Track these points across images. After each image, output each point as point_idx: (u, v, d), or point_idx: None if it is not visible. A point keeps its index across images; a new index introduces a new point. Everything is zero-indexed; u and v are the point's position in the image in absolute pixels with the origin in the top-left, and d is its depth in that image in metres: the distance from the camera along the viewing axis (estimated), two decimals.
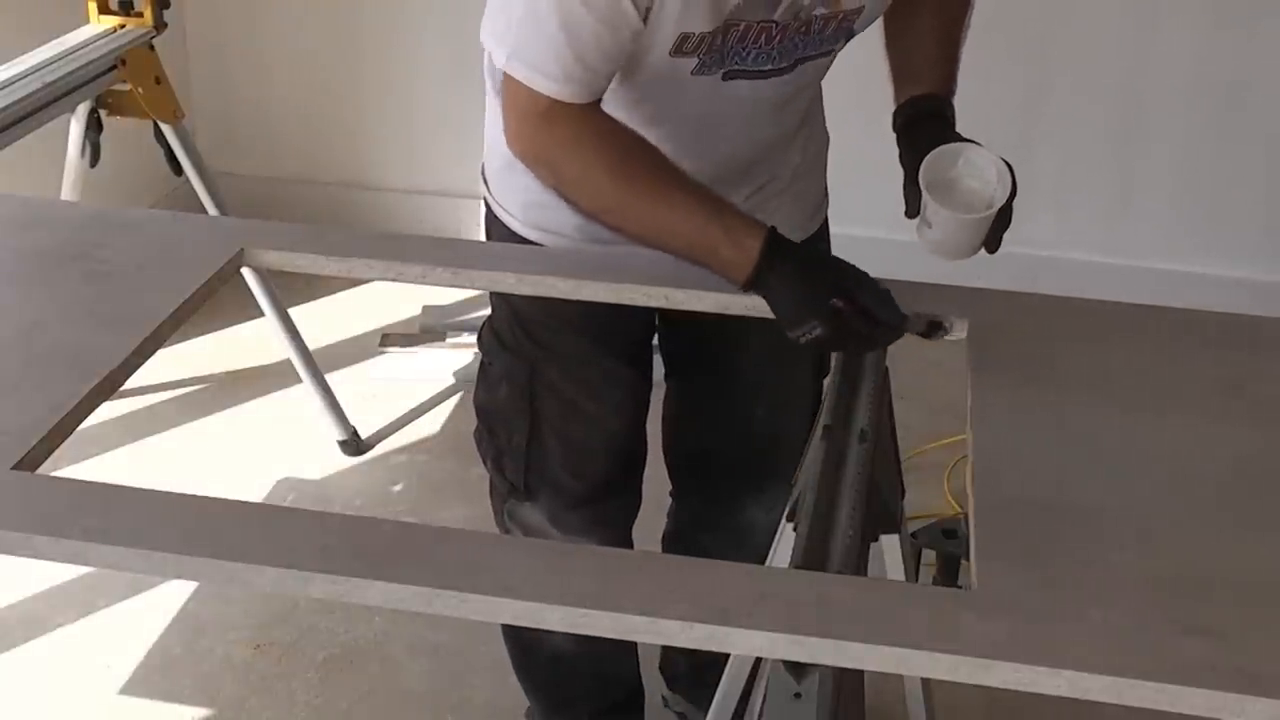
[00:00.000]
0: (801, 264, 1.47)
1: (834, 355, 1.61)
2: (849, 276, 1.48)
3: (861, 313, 1.44)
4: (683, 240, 1.49)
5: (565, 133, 1.49)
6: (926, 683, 1.91)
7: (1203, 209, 3.41)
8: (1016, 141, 3.28)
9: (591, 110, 1.50)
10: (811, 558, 1.28)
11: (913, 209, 1.52)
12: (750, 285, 1.47)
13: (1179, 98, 3.31)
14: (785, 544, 1.50)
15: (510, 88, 1.50)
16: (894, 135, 1.60)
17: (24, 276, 1.63)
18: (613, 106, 1.55)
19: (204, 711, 2.30)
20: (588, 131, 1.49)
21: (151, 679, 2.37)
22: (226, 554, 1.19)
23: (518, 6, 1.47)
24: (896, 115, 1.60)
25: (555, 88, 1.46)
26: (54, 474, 1.33)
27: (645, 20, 1.44)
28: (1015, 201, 1.50)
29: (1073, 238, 3.45)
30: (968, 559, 1.46)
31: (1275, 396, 1.47)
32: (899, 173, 1.55)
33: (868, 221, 2.48)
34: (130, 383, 1.55)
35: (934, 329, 1.54)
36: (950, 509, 2.72)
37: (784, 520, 1.55)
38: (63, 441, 1.35)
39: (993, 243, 1.52)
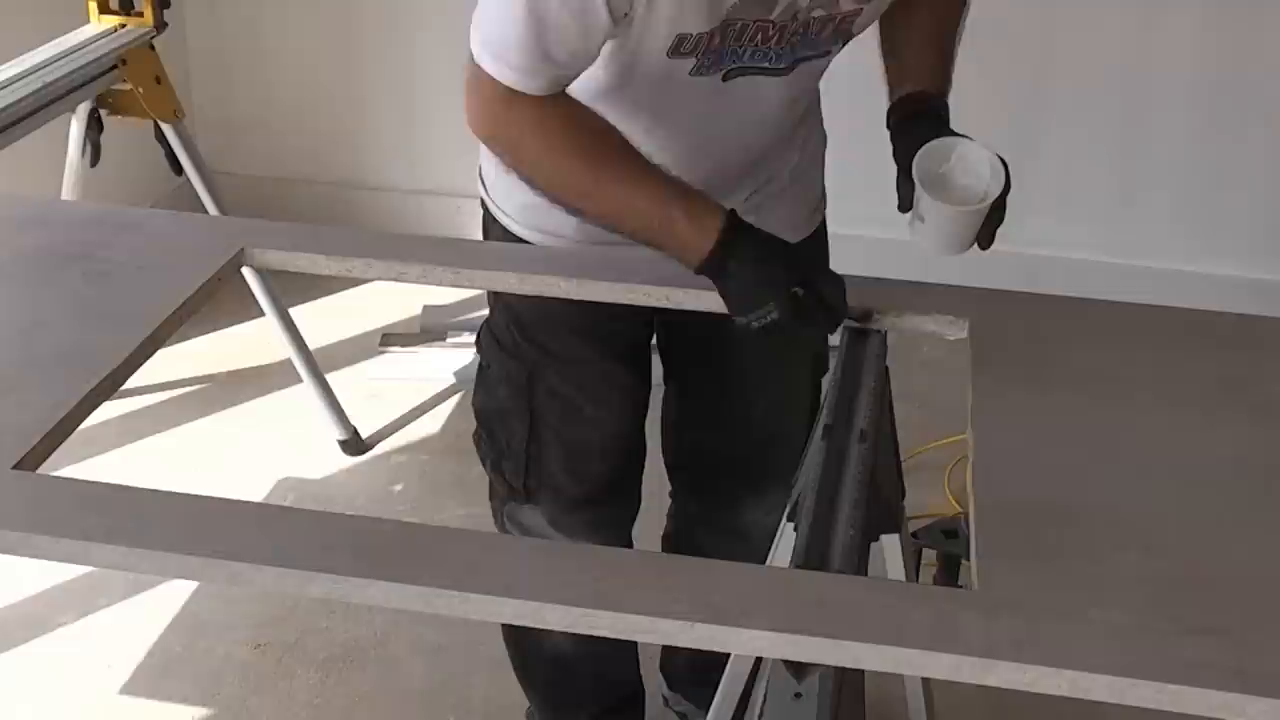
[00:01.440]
0: (762, 248, 1.48)
1: (834, 355, 1.61)
2: (806, 263, 1.49)
3: (817, 300, 1.46)
4: (642, 220, 1.49)
5: (526, 114, 1.49)
6: (926, 683, 1.91)
7: (1203, 209, 3.41)
8: (1017, 141, 3.28)
9: (553, 95, 1.49)
10: (811, 558, 1.28)
11: (905, 203, 1.53)
12: (707, 267, 1.47)
13: (1180, 97, 3.31)
14: (785, 544, 1.50)
15: (474, 73, 1.49)
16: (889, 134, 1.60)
17: (25, 276, 1.63)
18: (612, 110, 1.55)
19: (204, 711, 2.30)
20: (548, 112, 1.49)
21: (151, 679, 2.37)
22: (226, 554, 1.19)
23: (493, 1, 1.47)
24: (890, 113, 1.60)
25: (517, 78, 1.46)
26: (54, 474, 1.33)
27: (623, 24, 1.43)
28: (1016, 200, 1.50)
29: (1073, 237, 3.45)
30: (968, 559, 1.46)
31: (1276, 396, 1.47)
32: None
33: (866, 221, 2.48)
34: (130, 383, 1.55)
35: (865, 317, 1.56)
36: (950, 509, 2.72)
37: (784, 520, 1.55)
38: (63, 441, 1.36)
39: (985, 238, 1.52)
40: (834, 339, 1.59)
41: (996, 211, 1.50)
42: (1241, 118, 3.30)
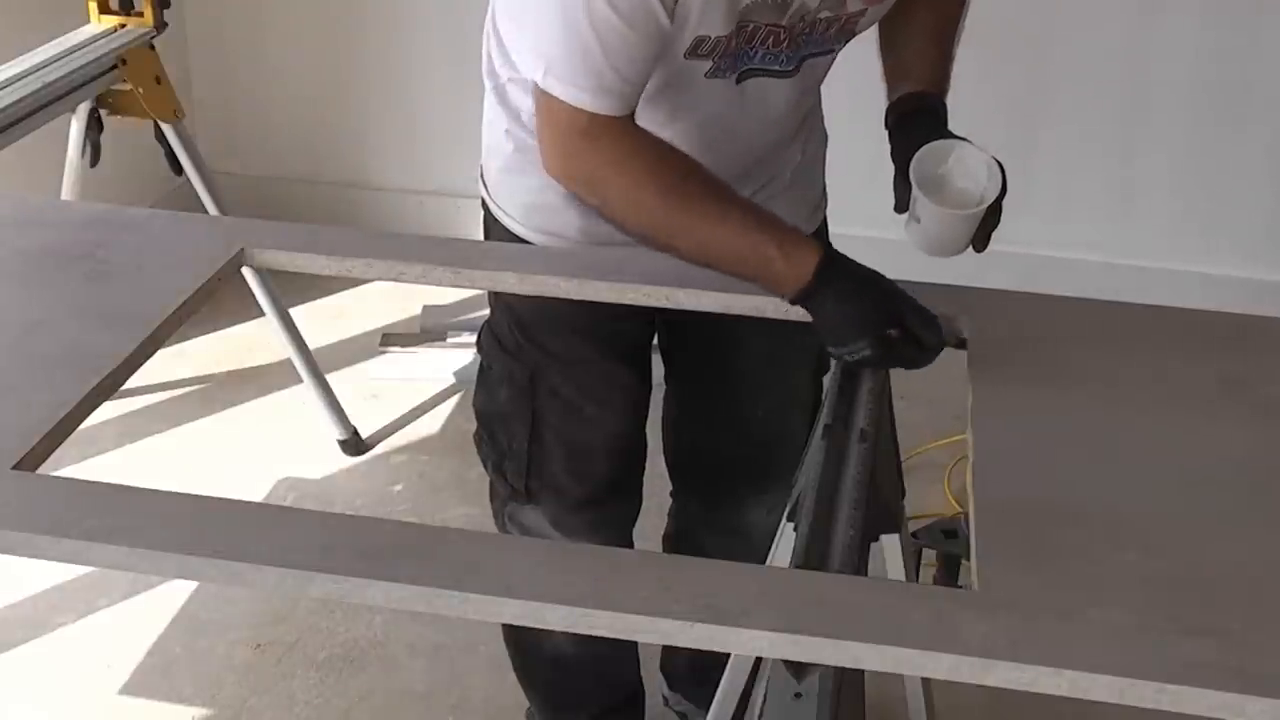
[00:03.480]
0: (857, 285, 1.47)
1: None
2: (901, 301, 1.47)
3: (910, 338, 1.45)
4: (735, 256, 1.48)
5: (610, 151, 1.46)
6: (926, 683, 1.91)
7: (1203, 209, 3.41)
8: (1017, 141, 3.28)
9: (631, 126, 1.48)
10: (811, 557, 1.28)
11: (902, 204, 1.53)
12: (801, 299, 1.47)
13: (1180, 97, 3.31)
14: (785, 544, 1.50)
15: (548, 106, 1.47)
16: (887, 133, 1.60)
17: (25, 276, 1.63)
18: None
19: (204, 711, 2.30)
20: (632, 148, 1.47)
21: (151, 679, 2.37)
22: (226, 554, 1.19)
23: (549, 21, 1.44)
24: (889, 112, 1.61)
25: (593, 100, 1.43)
26: (54, 474, 1.33)
27: (672, 19, 1.43)
28: (1015, 200, 1.50)
29: (1073, 238, 3.45)
30: (968, 559, 1.46)
31: (1276, 396, 1.47)
32: None
33: (867, 221, 2.48)
34: (130, 383, 1.55)
35: (962, 345, 1.56)
36: (950, 509, 2.72)
37: (784, 520, 1.55)
38: (63, 441, 1.36)
39: (980, 241, 1.52)
40: None
41: (992, 215, 1.50)
42: (1241, 118, 3.30)
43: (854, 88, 1.79)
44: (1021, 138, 3.30)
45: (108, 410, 2.35)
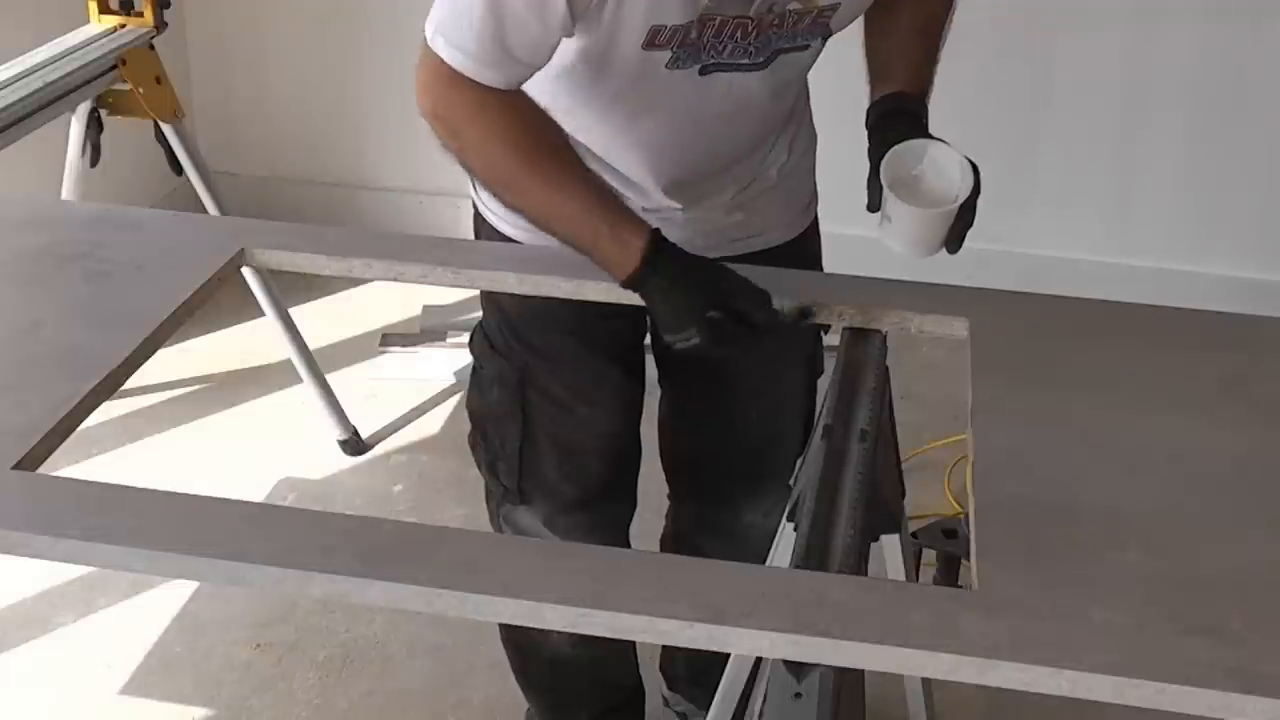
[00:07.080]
0: (679, 273, 1.48)
1: (833, 355, 1.61)
2: (724, 284, 1.49)
3: (737, 319, 1.46)
4: (568, 226, 1.50)
5: (471, 96, 1.48)
6: (926, 682, 1.91)
7: (1203, 209, 3.41)
8: (1017, 141, 3.28)
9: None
10: (811, 557, 1.28)
11: (874, 203, 1.52)
12: (630, 284, 1.49)
13: (1180, 97, 3.31)
14: (785, 544, 1.50)
15: (427, 54, 1.49)
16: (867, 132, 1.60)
17: (24, 276, 1.63)
18: (589, 104, 1.55)
19: (204, 711, 2.30)
20: (493, 101, 1.48)
21: (151, 679, 2.37)
22: (226, 554, 1.19)
23: None
24: (870, 112, 1.60)
25: (476, 69, 1.46)
26: (54, 474, 1.33)
27: (589, 17, 1.43)
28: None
29: (1073, 238, 3.44)
30: (968, 559, 1.46)
31: (1275, 396, 1.47)
32: None
33: (866, 221, 2.48)
34: (130, 383, 1.55)
35: (804, 315, 1.56)
36: (950, 509, 2.72)
37: (784, 520, 1.55)
38: (63, 441, 1.36)
39: (954, 241, 1.51)
40: (833, 339, 1.59)
41: (965, 214, 1.49)
42: (1241, 118, 3.30)
43: (849, 87, 1.79)
44: (1022, 138, 3.30)
45: (108, 410, 2.35)
